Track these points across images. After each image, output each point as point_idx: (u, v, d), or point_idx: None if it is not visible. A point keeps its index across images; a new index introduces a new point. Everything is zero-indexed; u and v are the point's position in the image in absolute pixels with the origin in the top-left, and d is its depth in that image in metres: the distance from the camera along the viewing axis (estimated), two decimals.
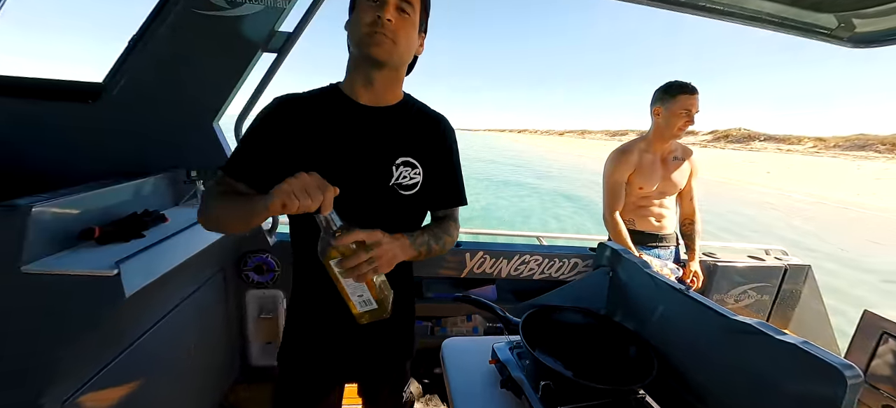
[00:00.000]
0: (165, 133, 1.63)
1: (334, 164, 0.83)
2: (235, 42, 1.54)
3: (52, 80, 1.58)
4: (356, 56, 0.84)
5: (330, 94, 0.88)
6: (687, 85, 1.75)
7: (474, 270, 2.06)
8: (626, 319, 1.13)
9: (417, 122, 0.94)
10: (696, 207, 2.00)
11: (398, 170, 0.87)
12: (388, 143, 0.88)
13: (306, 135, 0.83)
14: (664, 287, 0.97)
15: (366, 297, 0.76)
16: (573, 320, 1.09)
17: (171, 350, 1.42)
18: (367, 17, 0.77)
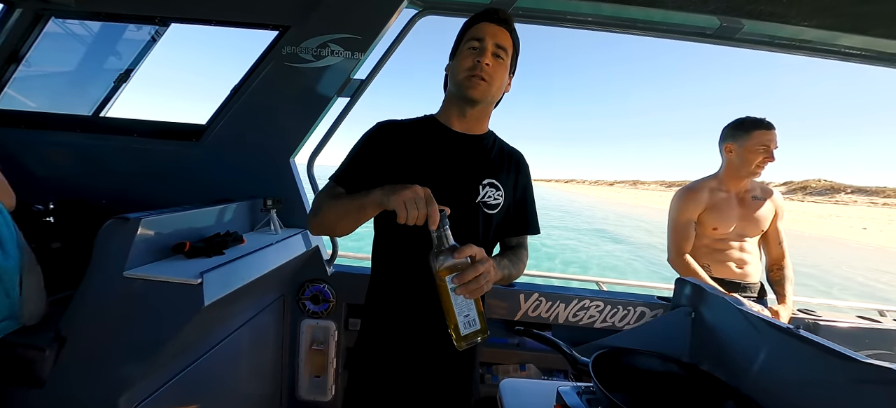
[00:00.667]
0: (249, 167, 1.82)
1: (429, 180, 0.88)
2: (315, 89, 1.74)
3: (166, 123, 1.87)
4: (454, 94, 0.97)
5: (426, 121, 1.02)
6: (762, 120, 1.64)
7: (529, 313, 1.95)
8: (716, 368, 0.97)
9: (501, 153, 1.05)
10: (785, 251, 1.77)
11: (484, 189, 0.97)
12: (477, 165, 0.98)
13: (405, 155, 0.95)
14: (765, 328, 0.83)
15: (472, 316, 0.76)
16: (652, 367, 0.96)
17: (229, 370, 1.47)
18: (468, 63, 0.90)
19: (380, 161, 0.95)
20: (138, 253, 1.08)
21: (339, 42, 1.69)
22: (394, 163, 0.94)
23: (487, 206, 0.97)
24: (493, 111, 1.05)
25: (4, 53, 1.80)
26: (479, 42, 0.90)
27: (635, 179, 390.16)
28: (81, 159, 1.88)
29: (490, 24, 0.91)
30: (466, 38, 0.94)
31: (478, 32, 0.91)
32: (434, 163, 0.95)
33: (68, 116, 1.92)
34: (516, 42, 0.97)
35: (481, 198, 0.96)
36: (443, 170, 0.95)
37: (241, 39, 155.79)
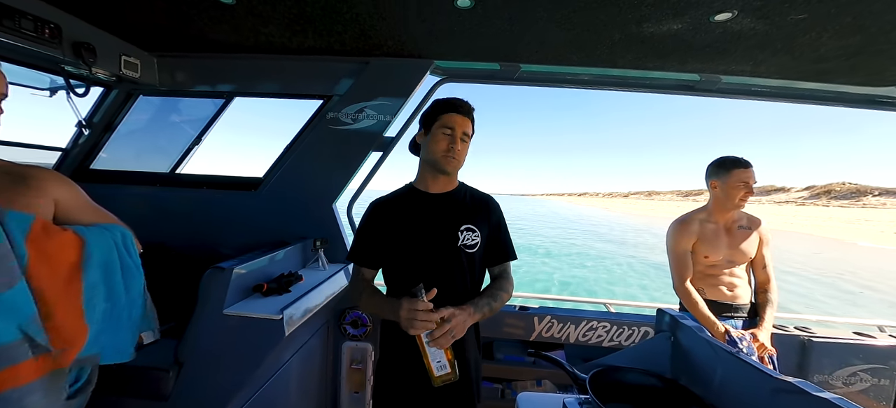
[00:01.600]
0: (298, 212, 2.16)
1: (417, 236, 1.18)
2: (353, 146, 2.07)
3: (229, 176, 2.24)
4: (431, 165, 1.20)
5: (408, 191, 1.26)
6: (740, 159, 1.84)
7: (542, 333, 2.19)
8: (691, 383, 1.20)
9: (473, 200, 1.27)
10: (770, 275, 1.95)
11: (463, 234, 1.19)
12: (453, 215, 1.20)
13: (396, 223, 1.19)
14: (720, 351, 1.07)
15: (443, 362, 1.04)
16: (641, 381, 1.20)
17: (290, 388, 1.78)
18: (443, 145, 1.15)
19: (379, 234, 1.21)
20: (232, 294, 1.40)
21: (373, 107, 2.02)
22: (389, 232, 1.19)
23: (467, 247, 1.18)
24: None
25: (102, 125, 2.21)
26: (451, 130, 1.15)
27: (650, 189, 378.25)
28: (160, 209, 2.25)
29: (459, 116, 1.16)
30: (439, 123, 1.16)
31: (450, 122, 1.15)
32: (419, 224, 1.18)
33: (150, 173, 2.32)
34: (474, 125, 1.22)
35: (461, 242, 1.18)
36: (426, 227, 1.18)
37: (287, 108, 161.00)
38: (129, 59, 1.92)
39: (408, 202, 1.23)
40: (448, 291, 1.15)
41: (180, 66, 2.11)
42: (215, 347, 1.36)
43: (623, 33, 1.56)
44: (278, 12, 1.57)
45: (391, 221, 1.21)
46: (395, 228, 1.19)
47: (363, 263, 1.24)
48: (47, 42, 1.58)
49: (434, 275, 1.13)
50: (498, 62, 1.95)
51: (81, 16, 1.68)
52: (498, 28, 1.61)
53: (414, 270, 1.17)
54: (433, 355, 1.03)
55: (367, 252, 1.24)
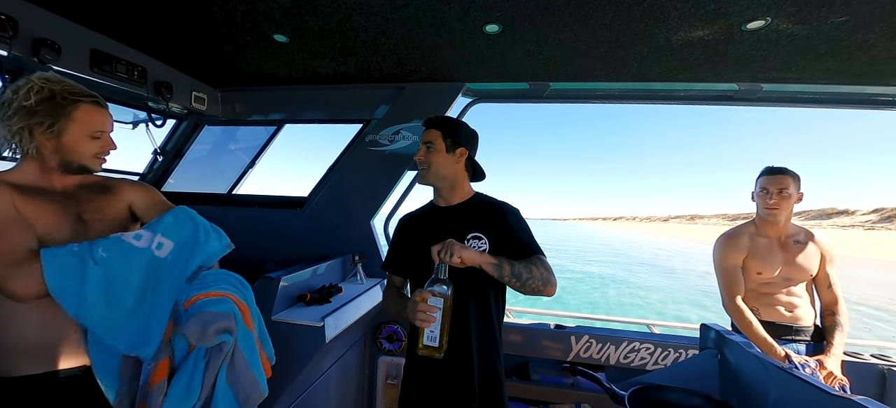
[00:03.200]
0: (339, 229, 2.29)
1: (429, 241, 1.19)
2: (390, 166, 2.19)
3: (277, 196, 2.43)
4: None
5: (429, 207, 1.38)
6: (769, 168, 1.77)
7: (581, 354, 2.11)
8: (743, 404, 1.13)
9: (484, 209, 1.30)
10: (838, 296, 1.78)
11: (469, 242, 1.22)
12: (461, 225, 1.26)
13: (418, 235, 1.31)
14: (772, 368, 1.00)
15: (434, 334, 1.05)
16: (685, 402, 1.14)
17: (329, 397, 1.84)
18: (417, 159, 1.29)
19: (405, 246, 1.36)
20: (279, 302, 1.51)
21: (408, 129, 2.15)
22: (413, 244, 1.31)
23: None
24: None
25: (173, 152, 2.51)
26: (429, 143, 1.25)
27: (693, 212, 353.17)
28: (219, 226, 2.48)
29: (424, 131, 1.28)
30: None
31: (426, 137, 1.27)
32: (434, 235, 1.19)
33: (211, 194, 2.57)
34: (448, 129, 1.25)
35: None
36: (438, 238, 1.16)
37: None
38: (199, 94, 2.20)
39: (429, 216, 1.35)
40: (461, 299, 1.19)
41: (239, 98, 2.37)
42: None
43: (652, 47, 1.57)
44: (325, 47, 1.75)
45: (415, 235, 1.33)
46: (417, 240, 1.28)
47: (392, 270, 1.40)
48: (135, 82, 1.86)
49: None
50: (527, 82, 2.02)
51: (162, 59, 1.96)
52: (526, 50, 1.68)
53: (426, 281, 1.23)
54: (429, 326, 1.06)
55: (395, 261, 1.40)
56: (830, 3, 1.23)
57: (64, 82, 0.96)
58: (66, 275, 0.86)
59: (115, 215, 1.10)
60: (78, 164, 0.99)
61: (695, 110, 79.61)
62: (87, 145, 0.99)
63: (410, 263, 1.33)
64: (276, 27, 1.59)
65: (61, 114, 0.94)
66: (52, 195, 0.98)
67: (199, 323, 0.90)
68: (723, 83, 1.86)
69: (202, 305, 0.95)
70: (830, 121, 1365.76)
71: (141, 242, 0.99)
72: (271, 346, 1.14)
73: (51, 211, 0.95)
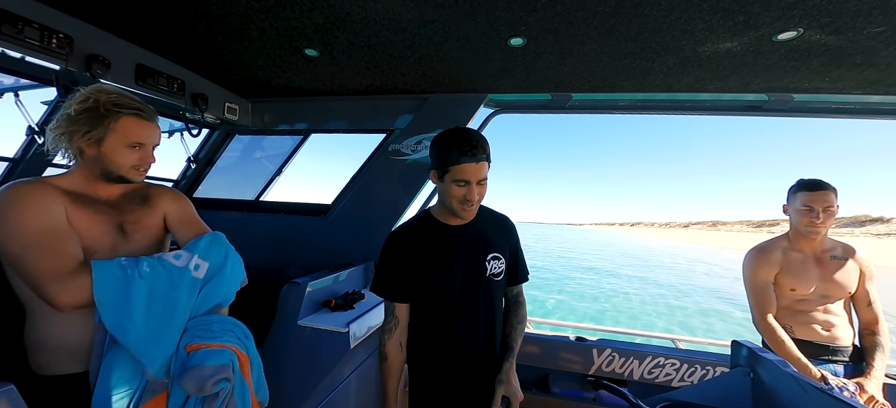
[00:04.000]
0: (362, 235, 2.33)
1: (448, 271, 1.14)
2: (412, 175, 2.23)
3: (302, 203, 2.50)
4: (449, 209, 1.13)
5: (428, 222, 1.20)
6: (809, 181, 1.67)
7: (603, 367, 2.08)
8: None
9: (491, 224, 1.24)
10: (879, 315, 1.69)
11: (490, 264, 1.17)
12: (479, 246, 1.18)
13: (423, 255, 1.14)
14: (809, 389, 0.97)
15: None
16: None
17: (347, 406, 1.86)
18: (459, 194, 1.07)
19: (404, 267, 1.15)
20: (305, 307, 1.56)
21: (431, 139, 2.18)
22: (414, 264, 1.14)
23: (495, 275, 1.18)
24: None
25: (205, 160, 2.63)
26: (466, 183, 1.05)
27: (715, 219, 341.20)
28: (245, 232, 2.57)
29: (472, 165, 1.03)
30: (450, 176, 1.05)
31: (462, 175, 1.04)
32: (448, 257, 1.13)
33: (239, 200, 2.67)
34: (489, 156, 1.10)
35: (489, 272, 1.16)
36: (457, 261, 1.13)
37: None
38: (231, 105, 2.30)
39: (431, 234, 1.17)
40: (475, 322, 1.17)
41: (268, 108, 2.47)
42: (290, 355, 1.50)
43: (678, 58, 1.57)
44: (353, 61, 1.82)
45: (417, 254, 1.15)
46: (422, 261, 1.14)
47: (397, 297, 1.17)
48: (175, 94, 1.96)
49: (464, 308, 1.15)
50: (550, 93, 2.03)
51: (200, 72, 2.07)
52: (550, 62, 1.70)
53: (445, 306, 1.15)
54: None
55: (399, 286, 1.16)
56: (867, 12, 1.20)
57: (114, 94, 1.00)
58: (114, 288, 0.90)
59: (152, 225, 1.14)
60: (117, 174, 1.01)
61: (719, 117, 79.13)
62: (124, 156, 1.00)
63: (420, 286, 1.15)
64: (308, 43, 1.66)
65: (100, 123, 0.96)
66: (97, 204, 1.02)
67: (196, 378, 0.90)
68: (752, 94, 1.83)
69: (203, 356, 0.95)
70: (863, 128, 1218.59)
71: (180, 261, 1.02)
72: (266, 388, 1.13)
73: (97, 222, 1.00)
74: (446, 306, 1.15)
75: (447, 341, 1.16)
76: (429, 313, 1.18)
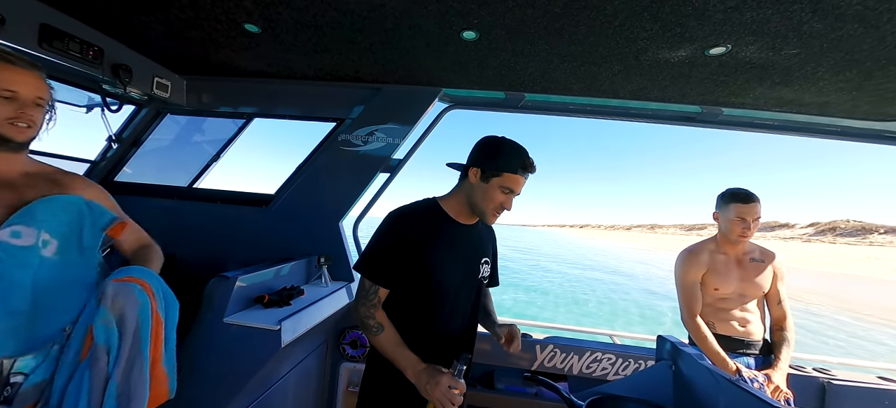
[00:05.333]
0: (306, 229, 2.21)
1: (449, 267, 1.13)
2: (362, 167, 2.15)
3: (242, 192, 2.33)
4: (474, 207, 1.13)
5: (436, 213, 1.16)
6: (741, 193, 1.81)
7: (545, 363, 2.13)
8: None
9: (484, 230, 1.28)
10: (787, 311, 1.87)
11: (482, 267, 1.22)
12: (478, 249, 1.22)
13: (427, 245, 1.09)
14: (722, 380, 1.03)
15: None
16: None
17: (285, 403, 1.75)
18: (499, 200, 1.09)
19: (403, 251, 1.08)
20: (234, 303, 1.43)
21: (383, 130, 2.11)
22: (414, 251, 1.08)
23: (484, 278, 1.25)
24: None
25: (130, 140, 2.36)
26: (511, 191, 1.09)
27: (653, 222, 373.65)
28: (176, 222, 2.35)
29: (523, 180, 1.10)
30: (502, 180, 1.07)
31: (514, 185, 1.08)
32: (451, 254, 1.14)
33: (169, 187, 2.43)
34: None
35: (480, 275, 1.22)
36: (459, 259, 1.16)
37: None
38: (161, 81, 2.08)
39: (438, 225, 1.13)
40: (460, 320, 1.20)
41: (207, 87, 2.26)
42: (214, 354, 1.37)
43: (622, 65, 1.63)
44: (299, 41, 1.70)
45: (420, 242, 1.09)
46: (424, 250, 1.08)
47: (386, 282, 1.10)
48: (90, 62, 1.73)
49: (454, 307, 1.17)
50: (503, 91, 2.04)
51: (122, 40, 1.85)
52: (502, 59, 1.70)
53: (434, 300, 1.12)
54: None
55: (388, 269, 1.09)
56: (784, 34, 1.31)
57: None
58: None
59: None
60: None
61: (656, 126, 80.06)
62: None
63: (405, 273, 1.09)
64: (247, 16, 1.53)
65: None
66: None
67: (111, 288, 0.87)
68: (688, 105, 1.95)
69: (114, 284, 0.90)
70: (774, 141, 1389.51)
71: (22, 240, 0.88)
72: (175, 365, 1.01)
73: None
74: (440, 301, 1.13)
75: (430, 335, 1.14)
76: (416, 304, 1.13)
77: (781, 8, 1.17)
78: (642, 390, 1.26)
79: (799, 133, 1.98)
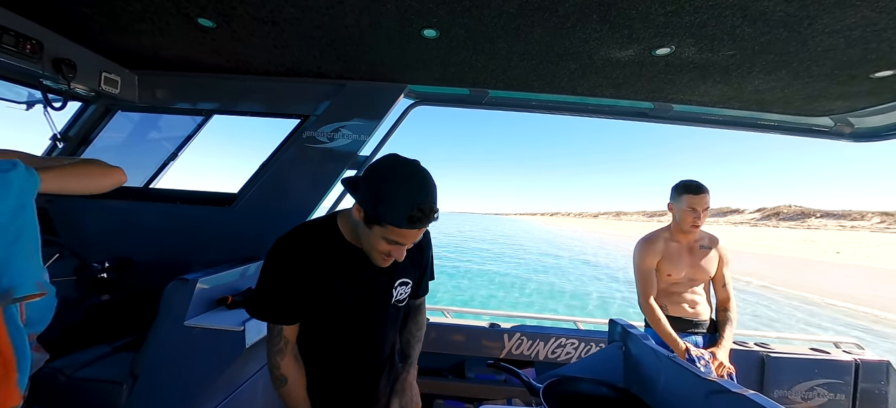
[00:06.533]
0: (273, 228, 2.16)
1: (348, 297, 0.98)
2: (328, 164, 2.13)
3: (203, 192, 2.25)
4: (362, 245, 0.95)
5: (328, 232, 0.99)
6: (692, 185, 1.95)
7: (513, 351, 2.21)
8: (642, 392, 1.25)
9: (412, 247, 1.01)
10: (730, 294, 2.04)
11: (396, 290, 1.04)
12: (387, 271, 1.00)
13: (320, 274, 0.94)
14: (663, 358, 1.13)
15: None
16: (593, 391, 1.24)
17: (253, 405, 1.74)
18: (384, 250, 0.90)
19: (290, 281, 0.93)
20: (195, 306, 1.41)
21: (349, 127, 2.10)
22: (309, 284, 0.94)
23: (399, 302, 1.06)
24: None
25: (78, 139, 2.23)
26: (398, 244, 0.89)
27: (618, 210, 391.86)
28: (131, 223, 2.24)
29: (414, 232, 0.87)
30: (387, 231, 0.86)
31: (401, 239, 0.87)
32: (350, 282, 0.97)
33: (123, 187, 2.31)
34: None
35: (394, 299, 1.04)
36: (360, 287, 0.98)
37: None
38: (110, 76, 1.97)
39: (330, 248, 0.97)
40: (372, 348, 1.08)
41: (161, 83, 2.16)
42: (174, 359, 1.35)
43: (578, 63, 1.70)
44: (257, 36, 1.66)
45: (310, 269, 0.94)
46: (315, 278, 0.94)
47: (284, 320, 0.96)
48: (28, 57, 1.62)
49: (362, 336, 1.03)
50: (467, 88, 2.07)
51: (63, 33, 1.74)
52: (464, 57, 1.73)
53: (338, 333, 1.02)
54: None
55: (280, 304, 0.95)
56: (721, 37, 1.41)
57: None
58: None
59: None
60: None
61: (616, 122, 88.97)
62: None
63: (312, 306, 0.96)
64: (200, 11, 1.48)
65: None
66: None
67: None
68: (641, 102, 2.06)
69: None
70: (725, 135, 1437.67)
71: None
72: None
73: None
74: (343, 334, 1.02)
75: (342, 370, 1.05)
76: (321, 339, 1.02)
77: (716, 13, 1.26)
78: (596, 370, 1.35)
79: (740, 128, 2.14)
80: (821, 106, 1.91)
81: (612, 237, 52.22)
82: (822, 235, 73.18)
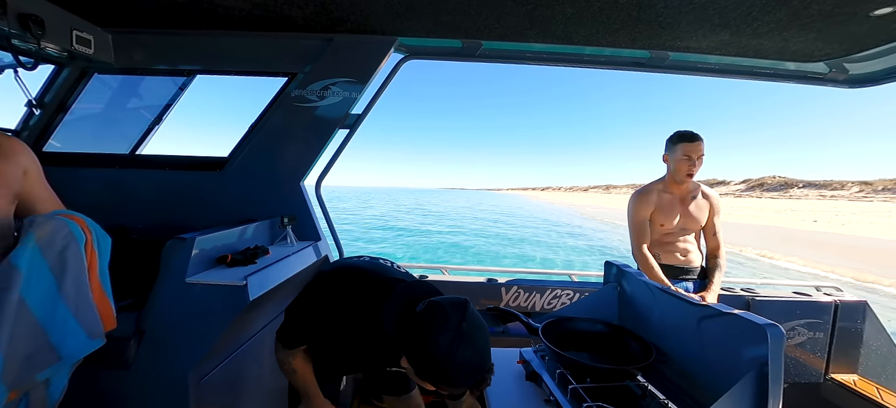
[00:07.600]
0: (266, 191, 2.15)
1: (360, 369, 1.26)
2: (320, 123, 2.08)
3: (193, 157, 2.20)
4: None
5: (373, 322, 1.06)
6: (687, 134, 1.97)
7: (510, 303, 2.27)
8: (637, 327, 1.31)
9: None
10: (720, 242, 2.10)
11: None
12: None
13: (346, 350, 1.18)
14: (656, 291, 1.17)
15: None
16: (589, 329, 1.29)
17: (261, 359, 1.79)
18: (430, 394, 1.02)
19: (318, 334, 1.14)
20: (194, 264, 1.40)
21: (339, 84, 2.04)
22: (333, 345, 1.17)
23: None
24: None
25: (54, 105, 2.13)
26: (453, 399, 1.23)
27: (608, 183, 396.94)
28: (120, 192, 2.20)
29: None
30: (442, 388, 0.92)
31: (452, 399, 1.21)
32: (367, 368, 1.22)
33: (108, 155, 2.25)
34: None
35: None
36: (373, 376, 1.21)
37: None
38: (82, 35, 1.86)
39: (368, 338, 1.08)
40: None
41: (138, 42, 2.05)
42: (178, 314, 1.36)
43: (574, 8, 1.64)
44: None
45: (342, 347, 1.16)
46: (344, 354, 1.18)
47: (301, 345, 1.17)
48: None
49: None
50: (460, 39, 2.01)
51: None
52: (456, 4, 1.66)
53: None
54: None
55: (306, 339, 1.17)
56: None
57: None
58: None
59: (11, 181, 0.98)
60: None
61: (612, 80, 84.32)
62: None
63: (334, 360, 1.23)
64: None
65: None
66: None
67: (42, 218, 0.97)
68: (637, 50, 2.02)
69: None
70: (710, 104, 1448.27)
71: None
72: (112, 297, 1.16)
73: None
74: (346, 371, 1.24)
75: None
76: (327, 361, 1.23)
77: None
78: (591, 311, 1.39)
79: (736, 76, 2.12)
80: (818, 50, 1.89)
81: (590, 210, 54.36)
82: (802, 205, 76.23)
